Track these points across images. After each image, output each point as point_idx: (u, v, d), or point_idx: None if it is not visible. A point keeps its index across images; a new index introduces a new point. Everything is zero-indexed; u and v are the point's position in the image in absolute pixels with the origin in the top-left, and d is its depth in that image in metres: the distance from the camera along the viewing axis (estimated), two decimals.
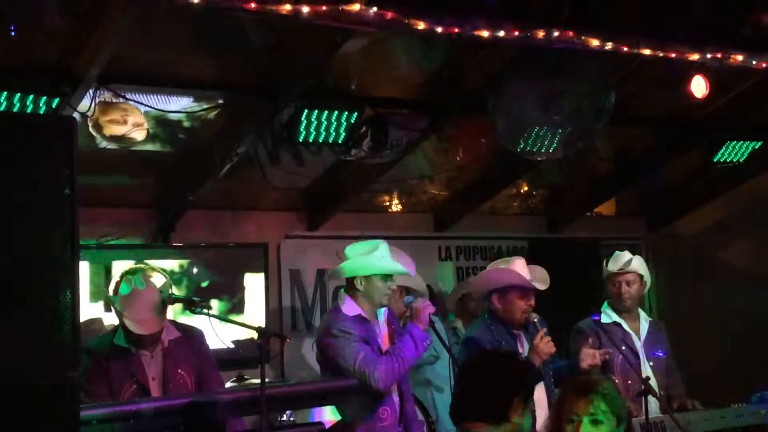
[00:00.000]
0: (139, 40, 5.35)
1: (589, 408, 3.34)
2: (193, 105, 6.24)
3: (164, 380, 4.85)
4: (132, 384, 4.79)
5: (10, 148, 3.06)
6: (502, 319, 5.33)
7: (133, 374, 4.79)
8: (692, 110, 7.44)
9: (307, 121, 6.28)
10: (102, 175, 6.50)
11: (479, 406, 3.01)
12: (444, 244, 8.63)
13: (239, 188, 7.25)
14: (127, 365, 4.82)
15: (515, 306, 5.28)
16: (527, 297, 5.29)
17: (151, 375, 4.86)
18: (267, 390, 4.12)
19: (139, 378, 4.80)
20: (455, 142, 7.70)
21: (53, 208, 3.12)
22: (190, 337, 5.02)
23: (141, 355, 4.86)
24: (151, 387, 4.84)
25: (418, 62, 6.52)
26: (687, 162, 8.59)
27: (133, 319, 4.77)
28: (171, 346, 4.93)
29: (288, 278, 7.73)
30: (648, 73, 6.78)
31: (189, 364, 4.93)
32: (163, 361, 4.88)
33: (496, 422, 2.98)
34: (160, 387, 4.85)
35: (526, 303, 5.27)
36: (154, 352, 4.89)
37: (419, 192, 8.35)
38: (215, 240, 7.34)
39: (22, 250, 3.06)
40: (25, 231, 3.06)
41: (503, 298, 5.33)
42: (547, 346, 5.07)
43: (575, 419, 3.36)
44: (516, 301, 5.29)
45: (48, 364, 3.08)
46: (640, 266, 5.82)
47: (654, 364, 5.70)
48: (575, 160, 7.70)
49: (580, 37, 5.60)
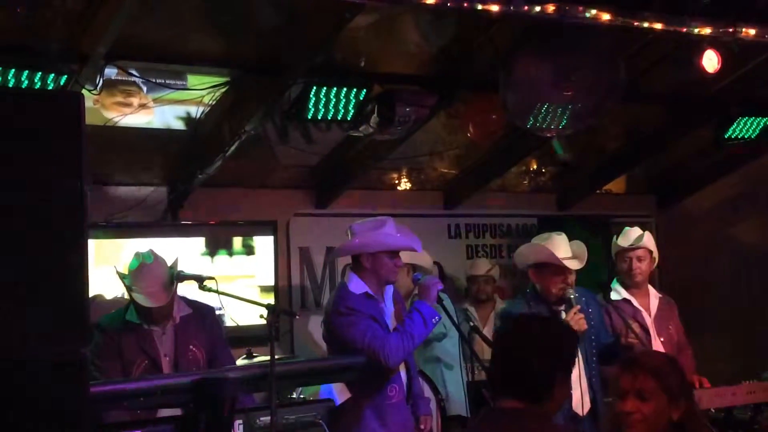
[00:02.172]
0: (146, 17, 5.32)
1: (635, 383, 3.31)
2: (201, 82, 6.21)
3: (176, 356, 4.88)
4: (144, 359, 4.81)
5: (19, 123, 3.05)
6: (541, 295, 5.31)
7: (145, 350, 4.81)
8: (704, 86, 7.38)
9: (316, 98, 6.25)
10: (110, 153, 6.49)
11: (518, 383, 2.91)
12: (453, 222, 8.62)
13: (248, 166, 7.24)
14: (139, 341, 4.84)
15: (550, 282, 5.25)
16: (562, 274, 5.23)
17: (163, 351, 4.88)
18: (276, 367, 4.12)
19: (151, 354, 4.82)
20: (465, 119, 7.65)
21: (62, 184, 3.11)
22: (202, 314, 5.03)
23: (152, 331, 4.88)
24: (162, 363, 4.86)
25: (427, 38, 6.47)
26: (697, 139, 8.53)
27: (143, 292, 4.79)
28: (182, 322, 4.95)
29: (297, 256, 7.73)
30: (659, 48, 6.73)
31: (200, 341, 4.96)
32: (175, 337, 4.91)
33: (537, 401, 2.89)
34: (171, 363, 4.88)
35: (561, 280, 5.22)
36: (165, 328, 4.91)
37: (429, 169, 8.32)
38: (224, 218, 7.34)
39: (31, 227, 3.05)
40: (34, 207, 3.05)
41: (539, 274, 5.31)
42: (578, 323, 5.02)
43: (622, 394, 3.33)
44: (550, 277, 5.24)
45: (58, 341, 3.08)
46: (651, 242, 5.80)
47: (664, 340, 5.69)
48: (585, 136, 7.65)
49: (591, 12, 5.55)
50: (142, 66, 5.86)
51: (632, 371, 3.34)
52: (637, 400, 3.29)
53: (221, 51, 6.01)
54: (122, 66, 5.69)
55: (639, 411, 3.28)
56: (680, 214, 9.60)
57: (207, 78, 6.19)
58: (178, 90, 6.22)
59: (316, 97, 6.25)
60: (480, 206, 8.65)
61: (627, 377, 3.33)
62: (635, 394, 3.30)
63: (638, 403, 3.29)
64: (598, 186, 9.24)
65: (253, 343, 6.24)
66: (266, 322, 4.30)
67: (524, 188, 8.98)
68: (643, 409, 3.28)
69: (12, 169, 3.04)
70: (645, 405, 3.28)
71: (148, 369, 4.80)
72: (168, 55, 5.84)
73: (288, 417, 4.21)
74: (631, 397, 3.30)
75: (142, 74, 5.96)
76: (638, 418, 3.28)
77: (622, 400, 3.32)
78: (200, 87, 6.23)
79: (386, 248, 4.95)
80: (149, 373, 4.80)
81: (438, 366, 6.97)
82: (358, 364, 4.64)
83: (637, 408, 3.28)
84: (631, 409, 3.28)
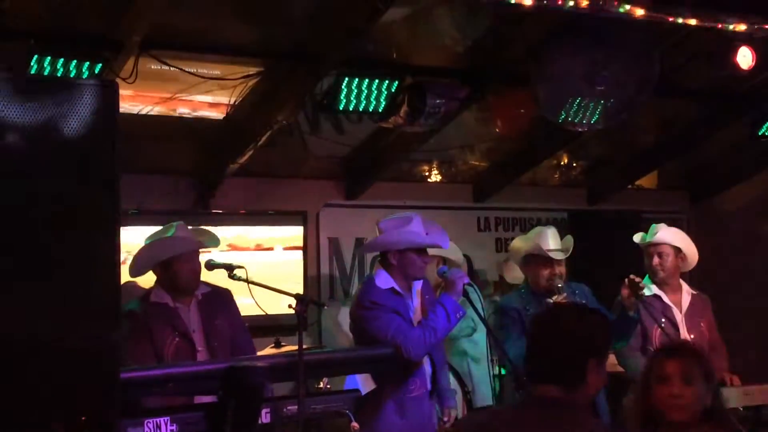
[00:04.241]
0: (181, 7, 5.35)
1: (683, 367, 3.38)
2: (234, 72, 6.24)
3: (205, 330, 4.93)
4: (175, 337, 4.86)
5: (54, 112, 3.09)
6: (532, 287, 5.37)
7: (176, 327, 4.86)
8: (738, 82, 7.32)
9: (348, 90, 6.26)
10: (142, 141, 6.53)
11: (553, 368, 2.95)
12: (483, 215, 8.60)
13: (279, 156, 7.26)
14: (168, 320, 4.90)
15: (538, 274, 5.34)
16: (550, 265, 5.30)
17: (192, 327, 4.93)
18: (304, 357, 4.14)
19: (181, 329, 4.88)
20: (496, 112, 7.64)
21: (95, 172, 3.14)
22: (220, 293, 5.09)
23: (178, 308, 4.93)
24: (194, 338, 4.91)
25: (460, 31, 6.46)
26: (731, 135, 8.46)
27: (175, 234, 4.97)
28: (204, 299, 5.02)
29: (327, 246, 7.75)
30: (693, 44, 6.68)
31: (225, 317, 5.01)
32: (200, 313, 4.96)
33: (571, 386, 2.92)
34: (203, 338, 4.92)
35: (549, 271, 5.30)
36: (190, 304, 4.96)
37: (459, 162, 8.31)
38: (255, 208, 7.37)
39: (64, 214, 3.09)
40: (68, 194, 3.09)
41: (528, 266, 5.43)
42: None
43: (666, 378, 3.39)
44: (538, 269, 5.34)
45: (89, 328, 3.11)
46: (673, 238, 5.75)
47: (695, 336, 5.65)
48: (617, 131, 7.62)
49: (625, 7, 5.52)
50: (176, 55, 5.90)
51: (680, 356, 3.43)
52: (683, 384, 3.35)
53: (255, 41, 6.03)
54: (156, 55, 5.73)
55: (685, 394, 3.36)
56: (713, 210, 9.53)
57: (240, 68, 6.22)
58: (211, 79, 6.25)
59: (348, 88, 6.26)
60: (510, 200, 8.62)
61: (673, 362, 3.40)
62: (682, 378, 3.37)
63: (684, 387, 3.35)
64: (630, 181, 9.19)
65: (282, 333, 6.27)
66: (295, 312, 4.32)
67: (555, 182, 8.95)
68: (688, 392, 3.36)
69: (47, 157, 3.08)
70: (689, 389, 3.37)
71: (180, 346, 4.85)
72: (202, 44, 5.87)
73: (315, 406, 4.24)
74: (677, 381, 3.36)
75: (176, 63, 5.99)
76: (684, 402, 3.36)
77: (665, 385, 3.38)
78: (233, 76, 6.26)
79: (413, 246, 4.95)
80: (182, 350, 4.86)
81: (465, 359, 6.97)
82: (384, 355, 4.66)
83: (683, 392, 3.36)
84: (679, 392, 3.36)
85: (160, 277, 5.01)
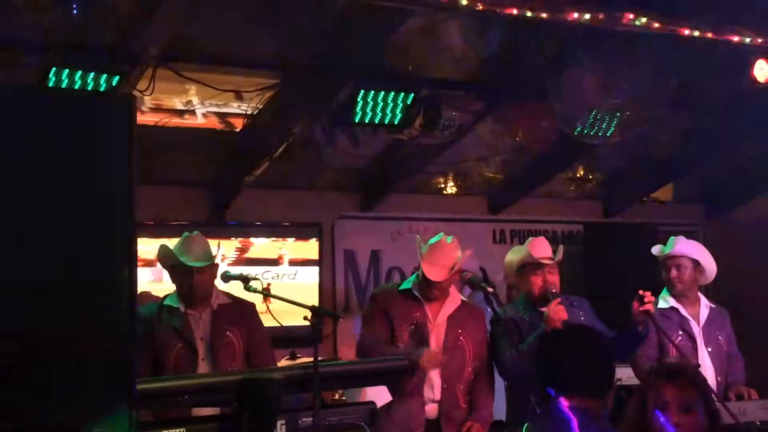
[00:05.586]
0: (198, 19, 5.38)
1: (681, 395, 3.27)
2: (250, 84, 6.26)
3: (212, 339, 4.92)
4: (178, 343, 4.86)
5: (71, 124, 3.10)
6: (528, 299, 5.39)
7: (181, 332, 4.86)
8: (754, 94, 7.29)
9: (363, 102, 6.27)
10: (158, 153, 6.56)
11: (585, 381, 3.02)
12: (498, 227, 8.59)
13: (294, 168, 7.28)
14: (175, 324, 4.90)
15: (531, 282, 5.33)
16: (541, 273, 5.30)
17: (199, 335, 4.93)
18: (320, 368, 4.14)
19: (186, 336, 4.88)
20: (511, 124, 7.64)
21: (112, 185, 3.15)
22: (241, 306, 5.09)
23: (189, 314, 4.93)
24: (198, 346, 4.90)
25: (476, 44, 6.47)
26: (748, 148, 8.43)
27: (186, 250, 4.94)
28: (220, 309, 5.01)
29: (342, 258, 7.75)
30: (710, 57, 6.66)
31: (239, 329, 4.99)
32: (212, 322, 4.96)
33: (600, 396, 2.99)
34: (207, 347, 4.91)
35: (541, 278, 5.30)
36: (203, 313, 4.96)
37: (474, 174, 8.31)
38: (270, 219, 7.39)
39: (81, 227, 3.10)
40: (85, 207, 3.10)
41: (520, 276, 5.42)
42: (558, 313, 5.05)
43: (665, 407, 3.29)
44: (530, 277, 5.33)
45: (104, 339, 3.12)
46: (692, 251, 5.72)
47: (712, 350, 5.61)
48: (633, 144, 7.60)
49: (641, 20, 5.52)
50: (193, 67, 5.92)
51: (680, 383, 3.31)
52: (682, 413, 3.27)
53: (271, 54, 6.05)
54: (173, 68, 5.75)
55: (683, 424, 3.26)
56: (729, 223, 9.48)
57: (256, 80, 6.24)
58: (227, 91, 6.27)
59: (364, 100, 6.27)
60: (525, 212, 8.62)
61: (672, 389, 3.30)
62: (680, 406, 3.28)
63: (683, 416, 3.27)
64: (646, 194, 9.16)
65: (297, 344, 6.27)
66: (310, 323, 4.32)
67: (570, 195, 8.94)
68: (687, 421, 3.26)
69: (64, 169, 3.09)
70: (689, 417, 3.27)
71: (182, 353, 4.86)
72: (219, 57, 5.90)
73: (330, 419, 4.23)
74: (675, 409, 3.28)
75: (192, 75, 6.02)
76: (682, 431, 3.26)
77: (665, 412, 3.28)
78: (249, 89, 6.28)
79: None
80: (184, 356, 4.86)
81: None
82: (401, 367, 4.65)
83: (682, 420, 3.26)
84: (677, 421, 3.25)
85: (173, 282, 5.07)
